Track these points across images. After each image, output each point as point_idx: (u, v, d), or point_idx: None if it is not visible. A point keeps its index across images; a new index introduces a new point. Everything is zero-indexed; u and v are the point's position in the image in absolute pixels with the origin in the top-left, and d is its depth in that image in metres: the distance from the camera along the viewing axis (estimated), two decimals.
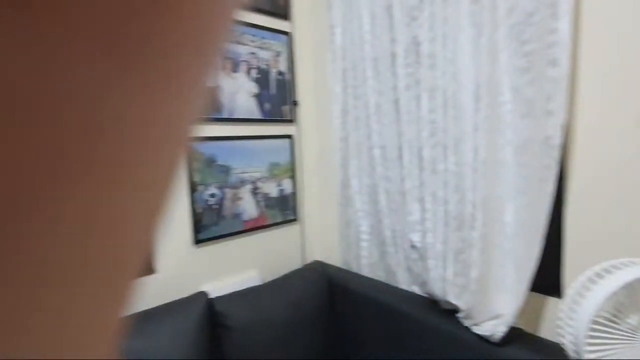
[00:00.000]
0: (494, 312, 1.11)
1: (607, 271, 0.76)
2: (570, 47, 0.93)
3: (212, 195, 1.55)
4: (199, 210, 1.51)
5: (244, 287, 1.48)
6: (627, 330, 0.75)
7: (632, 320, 0.76)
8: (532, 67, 1.00)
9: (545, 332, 1.12)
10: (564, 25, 0.94)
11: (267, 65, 1.69)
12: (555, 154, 0.97)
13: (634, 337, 0.75)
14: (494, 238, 1.11)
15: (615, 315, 0.75)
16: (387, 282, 1.54)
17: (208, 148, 1.52)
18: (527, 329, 1.15)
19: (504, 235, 1.10)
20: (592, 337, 0.74)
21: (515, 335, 1.10)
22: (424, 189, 1.31)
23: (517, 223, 1.08)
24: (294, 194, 1.84)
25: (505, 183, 1.09)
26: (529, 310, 1.14)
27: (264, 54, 1.68)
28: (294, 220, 1.84)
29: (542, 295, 1.14)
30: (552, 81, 0.97)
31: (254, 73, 1.65)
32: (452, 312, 1.23)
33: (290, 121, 1.80)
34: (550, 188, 0.99)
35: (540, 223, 1.01)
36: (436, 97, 1.22)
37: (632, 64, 0.92)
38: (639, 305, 0.75)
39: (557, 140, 0.97)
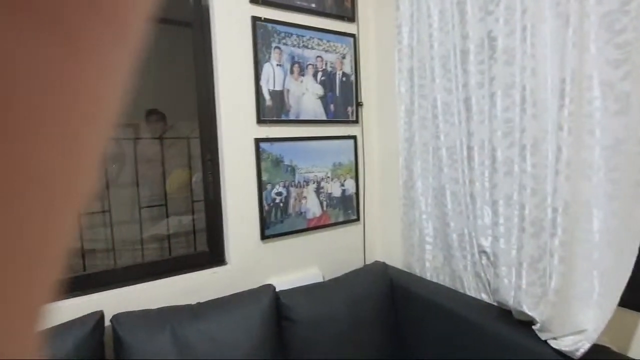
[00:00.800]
0: (576, 327, 1.02)
1: None
2: None
3: (279, 194, 1.61)
4: (266, 207, 1.58)
5: (307, 283, 1.52)
6: None
7: None
8: (628, 59, 0.91)
9: (638, 353, 1.01)
10: None
11: (332, 67, 1.73)
12: None
13: None
14: (577, 246, 1.03)
15: None
16: (452, 287, 1.48)
17: (276, 148, 1.59)
18: (616, 348, 1.04)
19: (590, 244, 1.01)
20: None
21: (600, 353, 1.01)
22: (497, 192, 1.24)
23: (606, 231, 0.98)
24: (356, 194, 1.85)
25: (593, 187, 0.99)
26: (619, 328, 1.03)
27: (329, 57, 1.72)
28: (356, 220, 1.85)
29: (635, 312, 1.02)
30: None
31: (320, 75, 1.69)
32: (526, 323, 1.15)
33: (355, 122, 1.82)
34: None
35: (635, 232, 0.91)
36: (512, 95, 1.15)
37: None
38: None
39: None
